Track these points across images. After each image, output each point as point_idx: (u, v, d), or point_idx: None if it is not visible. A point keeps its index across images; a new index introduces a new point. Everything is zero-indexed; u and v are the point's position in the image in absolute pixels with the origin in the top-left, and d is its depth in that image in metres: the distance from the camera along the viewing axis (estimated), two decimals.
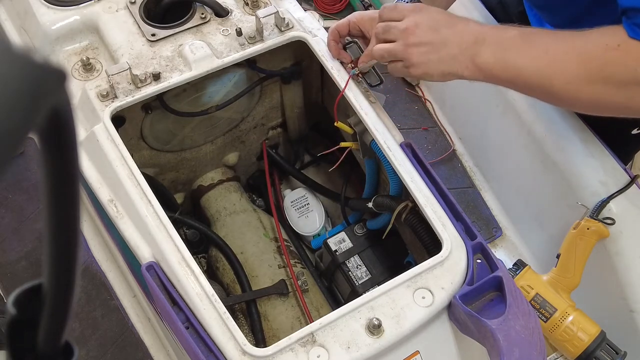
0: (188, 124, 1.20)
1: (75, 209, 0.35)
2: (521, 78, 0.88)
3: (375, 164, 1.15)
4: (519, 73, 0.87)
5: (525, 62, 0.87)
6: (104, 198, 0.97)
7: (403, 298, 0.86)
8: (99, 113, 0.98)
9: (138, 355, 1.21)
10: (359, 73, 1.05)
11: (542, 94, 0.91)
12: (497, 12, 1.38)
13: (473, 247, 0.91)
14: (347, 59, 1.06)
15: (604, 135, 1.21)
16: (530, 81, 0.88)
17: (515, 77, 0.88)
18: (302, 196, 1.38)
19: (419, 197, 0.95)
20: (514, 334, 0.82)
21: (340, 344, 0.82)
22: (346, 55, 1.06)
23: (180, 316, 0.85)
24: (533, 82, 0.88)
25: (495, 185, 1.47)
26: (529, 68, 0.87)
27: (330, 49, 1.06)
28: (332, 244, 1.20)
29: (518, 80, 0.89)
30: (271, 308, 1.14)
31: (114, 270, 1.29)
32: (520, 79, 0.88)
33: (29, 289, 0.38)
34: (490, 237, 1.42)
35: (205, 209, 1.32)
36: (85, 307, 1.26)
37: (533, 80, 0.87)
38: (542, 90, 0.89)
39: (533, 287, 1.16)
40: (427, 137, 1.56)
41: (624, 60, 0.82)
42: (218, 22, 1.11)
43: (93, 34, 1.11)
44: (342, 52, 1.06)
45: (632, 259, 1.13)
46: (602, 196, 1.15)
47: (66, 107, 0.30)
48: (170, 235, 0.89)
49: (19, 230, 1.36)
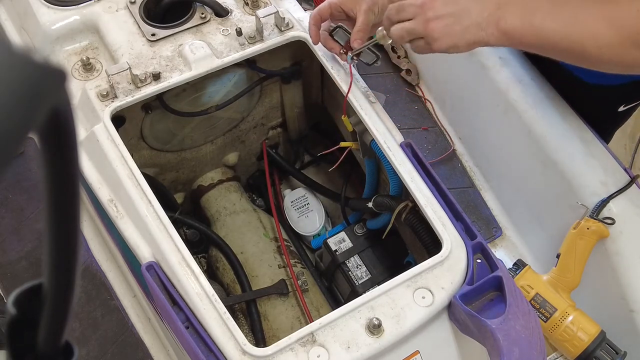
0: (188, 124, 1.21)
1: (75, 209, 0.35)
2: (550, 42, 0.86)
3: (375, 164, 1.15)
4: (547, 37, 0.86)
5: (554, 27, 0.85)
6: (104, 198, 0.97)
7: (403, 298, 0.87)
8: (99, 113, 0.98)
9: (138, 355, 1.21)
10: (354, 56, 1.01)
11: (572, 58, 0.90)
12: None
13: (473, 247, 0.91)
14: (336, 48, 1.03)
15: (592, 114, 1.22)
16: (560, 45, 0.86)
17: (543, 41, 0.86)
18: (302, 196, 1.38)
19: (419, 197, 0.95)
20: (514, 333, 0.82)
21: (340, 344, 0.82)
22: (334, 43, 1.03)
23: (180, 316, 0.85)
24: (563, 46, 0.86)
25: (495, 185, 1.47)
26: (558, 33, 0.85)
27: (311, 33, 1.02)
28: (332, 244, 1.20)
29: (547, 45, 0.87)
30: (271, 308, 1.14)
31: (114, 270, 1.29)
32: (549, 43, 0.87)
33: (29, 289, 0.38)
34: (490, 237, 1.41)
35: (205, 209, 1.32)
36: (85, 307, 1.26)
37: (563, 44, 0.86)
38: (573, 55, 0.88)
39: (533, 287, 1.16)
40: (427, 137, 1.56)
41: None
42: (218, 22, 1.11)
43: (93, 34, 1.11)
44: (328, 40, 1.03)
45: (632, 259, 1.13)
46: (602, 196, 1.15)
47: (66, 107, 0.30)
48: (170, 235, 0.89)
49: (19, 230, 1.36)
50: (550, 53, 0.92)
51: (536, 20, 0.85)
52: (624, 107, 1.23)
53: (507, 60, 1.33)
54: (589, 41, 0.84)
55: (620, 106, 1.22)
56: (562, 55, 0.91)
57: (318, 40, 1.03)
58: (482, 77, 1.37)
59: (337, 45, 1.03)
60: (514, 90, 1.30)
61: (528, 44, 0.88)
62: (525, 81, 1.29)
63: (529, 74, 1.30)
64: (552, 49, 0.89)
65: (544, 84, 1.28)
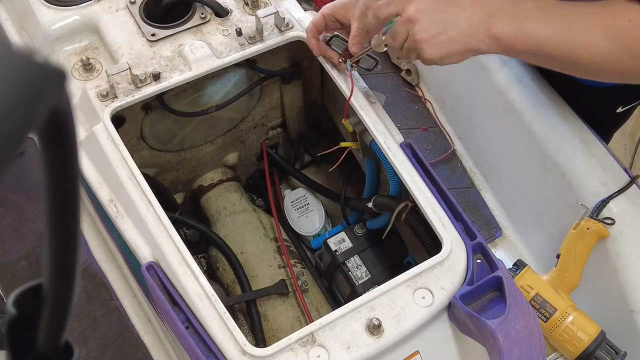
0: (188, 124, 1.21)
1: (76, 209, 0.35)
2: (543, 50, 0.85)
3: (375, 164, 1.15)
4: (540, 45, 0.85)
5: (547, 34, 0.84)
6: (104, 198, 0.97)
7: (403, 298, 0.86)
8: (99, 113, 0.98)
9: (138, 355, 1.21)
10: (353, 64, 1.02)
11: (565, 66, 0.89)
12: None
13: (473, 247, 0.91)
14: (335, 56, 1.04)
15: (590, 115, 1.22)
16: (553, 54, 0.85)
17: (536, 48, 0.85)
18: (302, 196, 1.38)
19: (419, 197, 0.95)
20: (514, 334, 0.82)
21: (340, 344, 0.82)
22: (332, 52, 1.04)
23: (180, 316, 0.85)
24: (557, 54, 0.85)
25: (495, 185, 1.47)
26: (552, 41, 0.84)
27: (313, 48, 1.04)
28: (332, 244, 1.20)
29: (539, 52, 0.86)
30: (271, 308, 1.14)
31: (114, 270, 1.29)
32: (542, 51, 0.86)
33: (29, 289, 0.38)
34: (490, 237, 1.42)
35: (205, 209, 1.32)
36: (85, 307, 1.26)
37: (557, 53, 0.85)
38: (566, 63, 0.87)
39: (533, 287, 1.16)
40: (427, 137, 1.56)
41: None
42: (218, 22, 1.11)
43: (93, 34, 1.11)
44: (327, 50, 1.04)
45: (632, 259, 1.13)
46: (602, 196, 1.15)
47: (66, 107, 0.30)
48: (170, 235, 0.89)
49: (19, 230, 1.36)
50: (544, 61, 0.91)
51: (528, 27, 0.84)
52: (622, 109, 1.23)
53: (507, 60, 1.33)
54: (582, 50, 0.83)
55: (618, 107, 1.23)
56: (556, 64, 0.90)
57: (319, 53, 1.05)
58: (482, 78, 1.37)
59: (336, 53, 1.04)
60: (514, 90, 1.30)
61: (520, 51, 0.87)
62: (525, 81, 1.29)
63: (529, 74, 1.30)
64: (545, 57, 0.88)
65: (544, 85, 1.28)
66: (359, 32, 0.97)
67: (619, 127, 1.39)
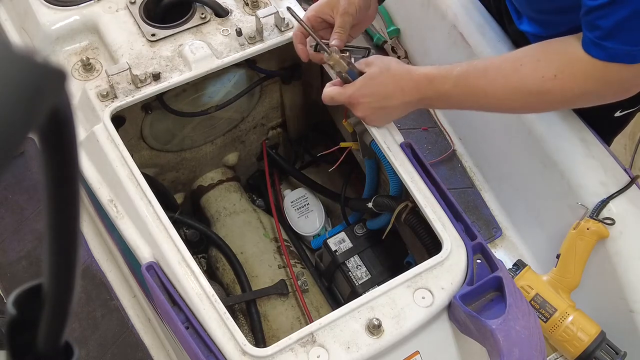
0: (188, 124, 1.21)
1: (75, 209, 0.35)
2: (473, 110, 1.08)
3: (375, 164, 1.15)
4: (468, 110, 1.08)
5: (469, 106, 1.01)
6: (104, 198, 0.97)
7: (403, 298, 0.86)
8: (99, 113, 0.98)
9: (138, 355, 1.21)
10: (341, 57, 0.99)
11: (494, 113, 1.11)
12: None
13: (473, 247, 0.91)
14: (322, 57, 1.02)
15: (588, 118, 1.22)
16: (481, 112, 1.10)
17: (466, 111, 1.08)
18: (302, 196, 1.38)
19: (419, 197, 0.95)
20: (514, 334, 0.82)
21: (340, 344, 0.82)
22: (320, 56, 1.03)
23: (180, 316, 0.84)
24: (484, 112, 1.10)
25: (495, 185, 1.47)
26: (474, 107, 1.03)
27: (300, 54, 1.04)
28: (332, 244, 1.20)
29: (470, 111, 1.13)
30: (271, 308, 1.14)
31: (114, 270, 1.29)
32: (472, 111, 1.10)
33: (29, 289, 0.38)
34: (490, 237, 1.41)
35: (205, 209, 1.32)
36: (85, 307, 1.26)
37: (483, 112, 1.09)
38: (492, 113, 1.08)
39: (533, 287, 1.16)
40: (427, 137, 1.56)
41: (561, 88, 0.90)
42: (218, 22, 1.11)
43: (93, 34, 1.11)
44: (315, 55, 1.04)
45: (632, 259, 1.13)
46: (602, 196, 1.15)
47: (66, 107, 0.30)
48: (170, 235, 0.89)
49: (19, 230, 1.36)
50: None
51: (454, 104, 1.00)
52: (621, 113, 1.23)
53: None
54: (501, 109, 1.02)
55: (616, 111, 1.22)
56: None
57: (307, 57, 1.05)
58: None
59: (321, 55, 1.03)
60: None
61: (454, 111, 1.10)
62: None
63: None
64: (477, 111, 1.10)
65: None
66: (341, 29, 1.00)
67: (618, 132, 1.38)
